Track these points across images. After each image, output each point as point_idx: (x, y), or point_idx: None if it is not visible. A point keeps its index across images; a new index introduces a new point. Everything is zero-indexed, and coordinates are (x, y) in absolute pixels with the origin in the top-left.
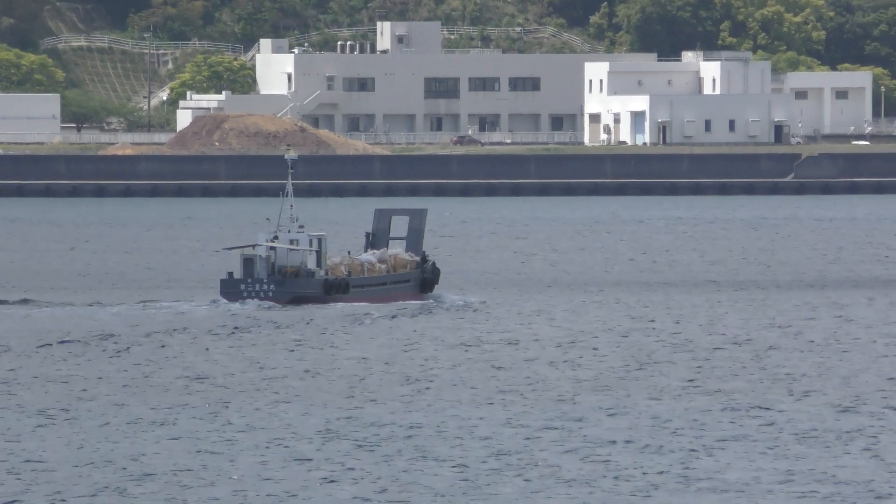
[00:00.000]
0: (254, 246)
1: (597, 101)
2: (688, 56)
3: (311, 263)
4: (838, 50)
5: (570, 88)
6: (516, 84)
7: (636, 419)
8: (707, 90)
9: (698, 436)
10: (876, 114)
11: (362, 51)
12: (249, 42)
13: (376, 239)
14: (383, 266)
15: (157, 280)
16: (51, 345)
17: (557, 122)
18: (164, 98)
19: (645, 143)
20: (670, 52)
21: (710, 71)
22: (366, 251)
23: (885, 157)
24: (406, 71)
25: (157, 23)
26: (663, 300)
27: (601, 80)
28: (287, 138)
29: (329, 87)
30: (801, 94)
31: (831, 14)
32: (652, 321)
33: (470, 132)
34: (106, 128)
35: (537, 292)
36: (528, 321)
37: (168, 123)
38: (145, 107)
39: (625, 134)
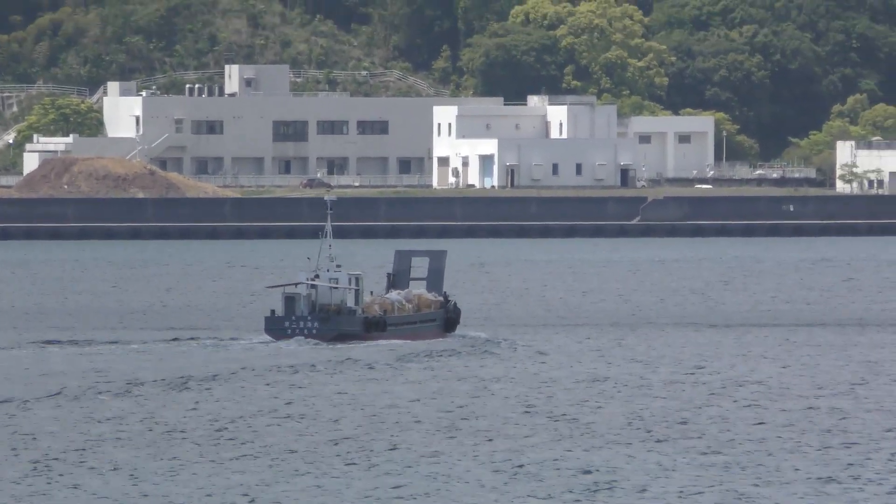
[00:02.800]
0: (296, 284)
1: (445, 145)
2: (533, 100)
3: (350, 301)
4: (679, 95)
5: (418, 132)
6: (364, 127)
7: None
8: (554, 134)
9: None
10: (718, 158)
11: (210, 93)
12: (96, 84)
13: (398, 279)
14: (409, 305)
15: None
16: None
17: (405, 166)
18: (10, 141)
19: (493, 187)
20: (515, 95)
21: (557, 115)
22: (387, 291)
23: (728, 200)
24: (254, 114)
25: (1, 64)
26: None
27: (450, 124)
28: (136, 181)
29: (177, 130)
30: (644, 139)
31: (673, 59)
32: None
33: (319, 175)
34: None
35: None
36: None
37: (14, 166)
38: None
39: (473, 177)
